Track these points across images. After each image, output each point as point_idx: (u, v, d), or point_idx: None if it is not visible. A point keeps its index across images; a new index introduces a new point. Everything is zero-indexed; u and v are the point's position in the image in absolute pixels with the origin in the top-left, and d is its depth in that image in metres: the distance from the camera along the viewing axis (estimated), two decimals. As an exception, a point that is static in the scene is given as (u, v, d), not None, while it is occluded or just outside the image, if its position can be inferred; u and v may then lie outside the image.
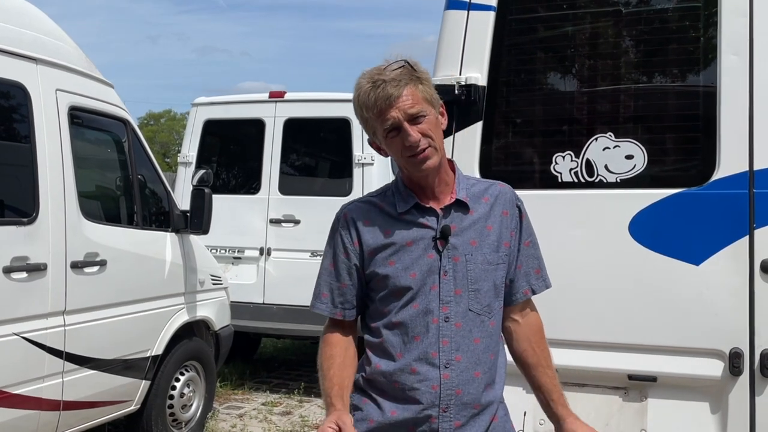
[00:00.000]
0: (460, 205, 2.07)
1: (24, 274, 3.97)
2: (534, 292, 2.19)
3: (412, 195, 2.07)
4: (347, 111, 7.19)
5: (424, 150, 1.98)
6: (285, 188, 7.53)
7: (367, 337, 2.11)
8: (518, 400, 3.00)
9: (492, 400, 2.08)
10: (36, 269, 4.04)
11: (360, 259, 2.09)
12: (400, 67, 1.98)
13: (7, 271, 3.87)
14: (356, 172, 7.25)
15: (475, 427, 2.04)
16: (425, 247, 2.03)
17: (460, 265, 2.03)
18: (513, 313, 2.18)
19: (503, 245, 2.09)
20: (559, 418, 2.12)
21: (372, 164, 7.13)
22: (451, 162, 2.15)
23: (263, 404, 6.84)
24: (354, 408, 2.08)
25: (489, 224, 2.08)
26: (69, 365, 4.26)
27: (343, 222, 2.12)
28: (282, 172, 7.58)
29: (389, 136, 2.00)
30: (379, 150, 2.11)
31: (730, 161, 2.78)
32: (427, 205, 2.06)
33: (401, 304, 2.04)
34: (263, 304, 7.32)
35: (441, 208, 2.06)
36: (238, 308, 6.66)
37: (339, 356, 2.08)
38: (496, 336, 2.11)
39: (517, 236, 2.13)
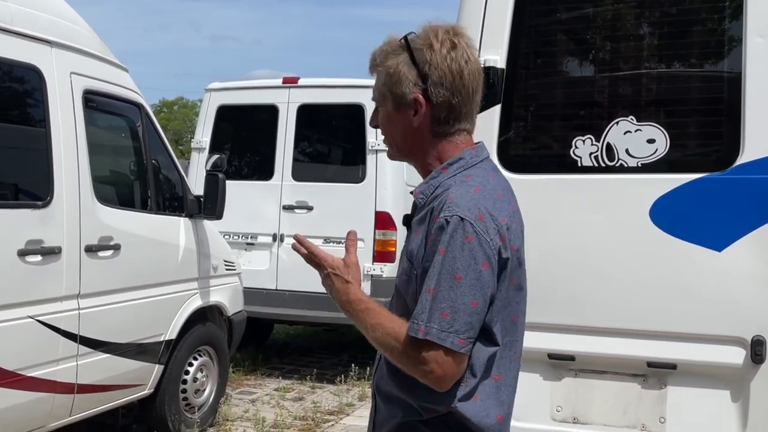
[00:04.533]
0: (416, 203, 1.85)
1: (38, 258, 3.97)
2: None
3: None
4: (361, 97, 7.17)
5: (385, 142, 1.93)
6: (298, 174, 7.51)
7: None
8: (538, 387, 2.99)
9: (391, 414, 1.82)
10: (50, 252, 4.04)
11: None
12: (392, 45, 1.82)
13: (22, 254, 3.87)
14: (369, 158, 7.22)
15: (380, 420, 1.88)
16: None
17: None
18: None
19: (418, 259, 1.74)
20: None
21: (385, 151, 7.08)
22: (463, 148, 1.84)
23: (276, 390, 6.84)
24: None
25: (418, 230, 1.77)
26: (83, 349, 4.27)
27: None
28: (295, 159, 7.56)
29: None
30: None
31: (754, 146, 2.73)
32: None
33: None
34: (276, 290, 7.31)
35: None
36: (250, 294, 6.65)
37: None
38: None
39: (426, 257, 1.72)
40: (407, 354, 1.69)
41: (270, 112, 7.66)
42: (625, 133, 2.89)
